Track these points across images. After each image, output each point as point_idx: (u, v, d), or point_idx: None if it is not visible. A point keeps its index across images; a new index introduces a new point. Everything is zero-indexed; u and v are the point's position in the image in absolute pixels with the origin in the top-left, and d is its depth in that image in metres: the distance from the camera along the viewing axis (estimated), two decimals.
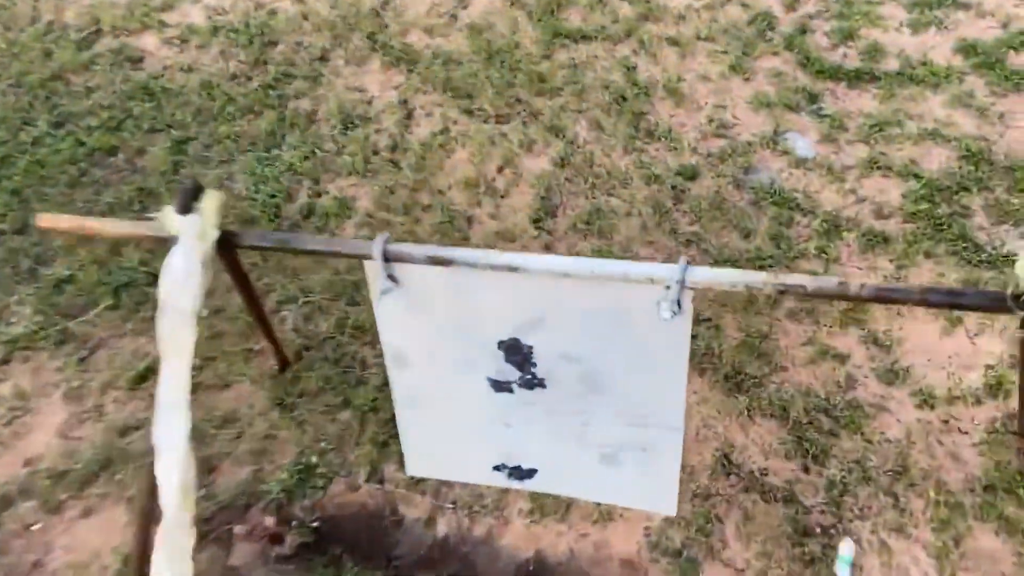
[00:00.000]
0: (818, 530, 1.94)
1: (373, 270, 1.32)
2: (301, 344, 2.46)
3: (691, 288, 1.19)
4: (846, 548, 0.95)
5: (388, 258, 1.30)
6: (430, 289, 1.35)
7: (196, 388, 2.43)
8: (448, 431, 1.51)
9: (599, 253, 2.56)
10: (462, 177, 2.89)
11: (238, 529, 2.10)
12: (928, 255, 2.45)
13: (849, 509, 1.97)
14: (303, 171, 2.98)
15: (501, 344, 1.35)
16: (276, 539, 2.08)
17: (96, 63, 3.56)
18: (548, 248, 2.63)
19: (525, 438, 1.44)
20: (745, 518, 1.96)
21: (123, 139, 3.21)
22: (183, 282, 1.32)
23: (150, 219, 1.41)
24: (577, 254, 2.59)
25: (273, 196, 2.90)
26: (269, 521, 2.11)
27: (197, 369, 2.44)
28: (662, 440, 1.37)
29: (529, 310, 1.32)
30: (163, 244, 1.41)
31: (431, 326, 1.38)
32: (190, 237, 1.30)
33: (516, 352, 1.35)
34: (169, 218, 1.32)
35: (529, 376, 1.38)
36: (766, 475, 2.04)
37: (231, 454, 2.24)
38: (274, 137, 3.15)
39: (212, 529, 2.10)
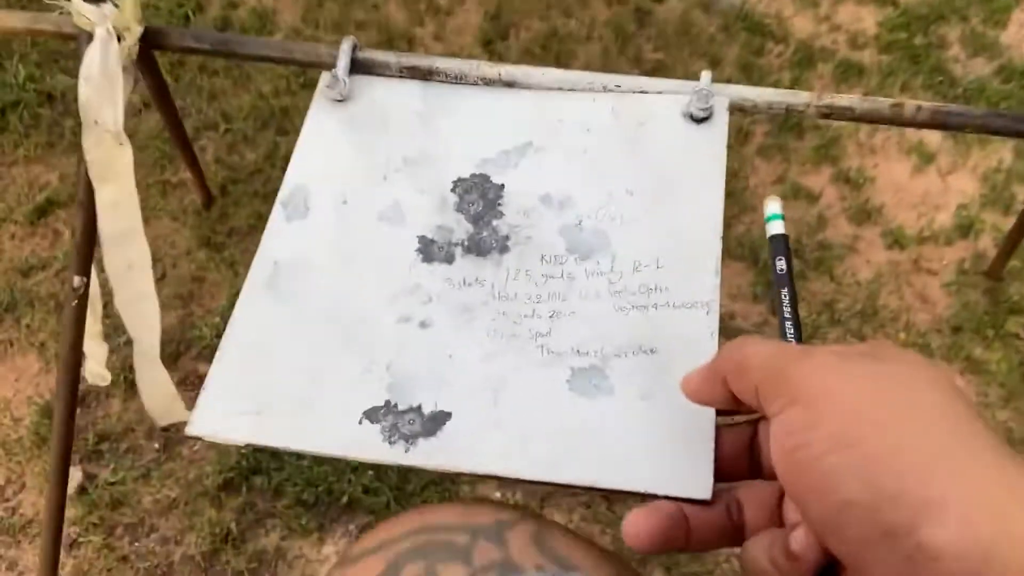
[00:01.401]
0: None
1: (329, 81, 1.04)
2: (226, 177, 2.19)
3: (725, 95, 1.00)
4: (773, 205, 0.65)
5: (354, 68, 1.05)
6: (389, 111, 1.02)
7: None
8: (313, 340, 0.83)
9: None
10: None
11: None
12: (904, 88, 2.32)
13: None
14: None
15: (459, 184, 0.91)
16: None
17: None
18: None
19: (444, 348, 0.82)
20: None
21: None
22: (105, 91, 1.05)
23: (52, 9, 1.11)
24: None
25: (180, 5, 2.52)
26: (203, 369, 1.92)
27: None
28: (684, 328, 0.79)
29: (513, 134, 1.01)
30: (67, 43, 1.14)
31: (367, 157, 0.95)
32: (106, 32, 1.02)
33: (477, 194, 0.91)
34: (77, 8, 1.03)
35: (486, 233, 0.88)
36: (733, 319, 1.96)
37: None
38: None
39: None
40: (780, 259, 0.59)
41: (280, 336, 0.87)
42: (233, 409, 0.83)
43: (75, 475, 1.70)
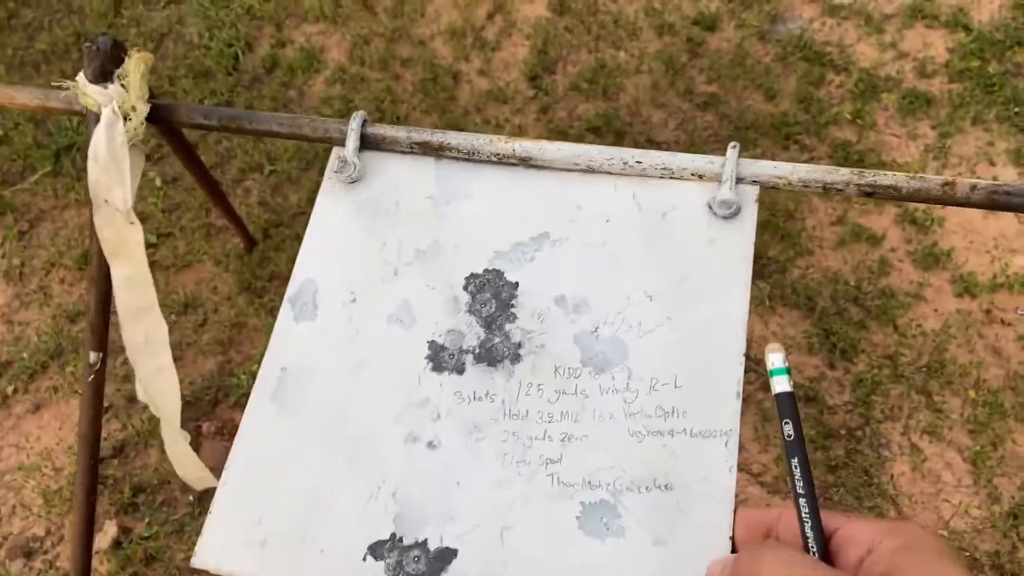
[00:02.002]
0: (843, 432, 1.77)
1: (337, 166, 1.01)
2: (269, 220, 2.18)
3: (754, 183, 0.93)
4: (775, 356, 0.55)
5: (364, 144, 1.01)
6: (401, 195, 0.97)
7: (151, 268, 2.20)
8: (319, 459, 0.83)
9: (603, 116, 2.26)
10: (447, 25, 2.52)
11: (206, 427, 1.91)
12: (976, 121, 2.17)
13: (878, 409, 1.79)
14: (264, 14, 2.59)
15: (471, 281, 0.88)
16: None
17: None
18: (545, 111, 2.32)
19: (452, 474, 0.80)
20: (763, 419, 1.79)
21: None
22: (112, 171, 1.04)
23: (62, 88, 1.09)
24: (578, 118, 2.29)
25: (230, 45, 2.53)
26: (239, 419, 1.91)
27: (152, 247, 2.19)
28: (702, 462, 0.77)
29: (529, 223, 0.90)
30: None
31: (378, 248, 0.90)
32: (112, 113, 1.00)
33: (491, 292, 0.86)
34: (82, 89, 1.01)
35: (498, 339, 0.85)
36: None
37: (195, 343, 2.01)
38: None
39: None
40: (787, 423, 0.53)
41: (286, 454, 0.83)
42: (237, 538, 0.80)
43: (110, 529, 1.70)
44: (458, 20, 2.52)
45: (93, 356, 1.15)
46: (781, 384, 0.53)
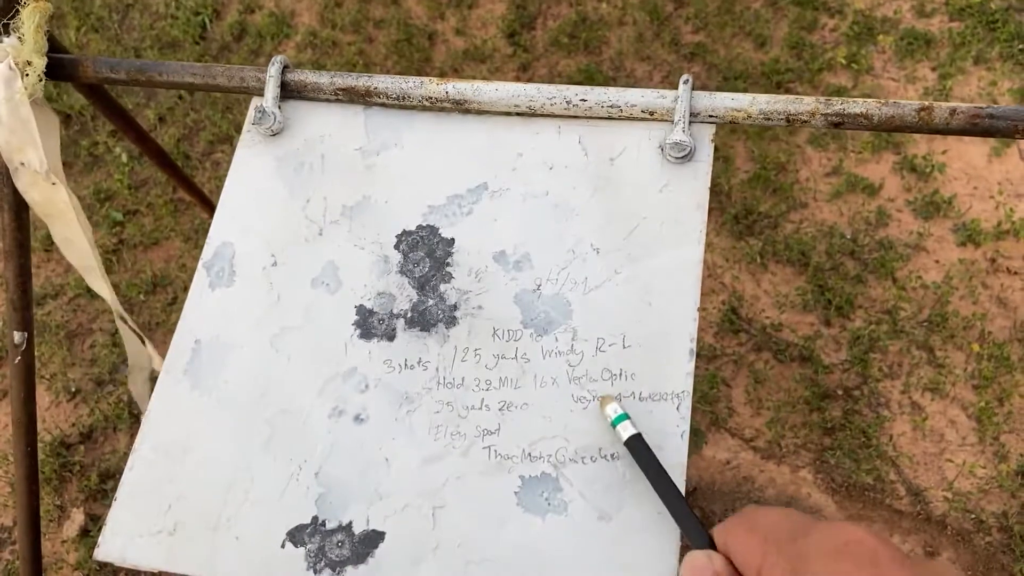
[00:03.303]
0: (840, 392, 1.68)
1: (255, 117, 0.92)
2: None
3: (710, 121, 0.83)
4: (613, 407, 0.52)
5: (286, 92, 0.93)
6: (327, 147, 0.88)
7: (118, 247, 2.13)
8: (236, 438, 0.75)
9: (585, 71, 2.15)
10: None
11: None
12: (978, 60, 2.05)
13: (876, 367, 1.70)
14: None
15: (403, 239, 0.80)
16: None
17: None
18: (525, 68, 2.21)
19: (380, 450, 0.74)
20: (756, 381, 1.70)
21: None
22: (20, 132, 0.95)
23: None
24: (559, 74, 2.18)
25: (198, 13, 2.43)
26: None
27: (119, 225, 2.12)
28: (652, 427, 0.70)
29: (466, 173, 0.82)
30: None
31: (302, 206, 0.82)
32: (8, 69, 0.91)
33: (424, 251, 0.79)
34: None
35: (432, 301, 0.78)
36: (780, 331, 1.76)
37: (164, 323, 1.94)
38: None
39: None
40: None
41: (199, 434, 0.76)
42: (145, 528, 0.72)
43: (77, 517, 1.64)
44: None
45: (18, 336, 1.07)
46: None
